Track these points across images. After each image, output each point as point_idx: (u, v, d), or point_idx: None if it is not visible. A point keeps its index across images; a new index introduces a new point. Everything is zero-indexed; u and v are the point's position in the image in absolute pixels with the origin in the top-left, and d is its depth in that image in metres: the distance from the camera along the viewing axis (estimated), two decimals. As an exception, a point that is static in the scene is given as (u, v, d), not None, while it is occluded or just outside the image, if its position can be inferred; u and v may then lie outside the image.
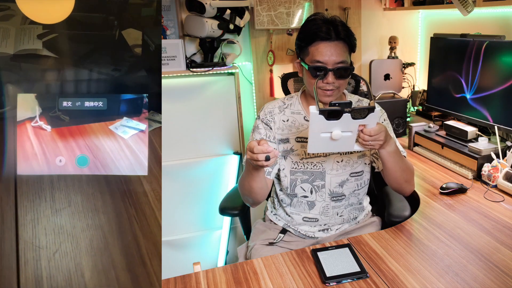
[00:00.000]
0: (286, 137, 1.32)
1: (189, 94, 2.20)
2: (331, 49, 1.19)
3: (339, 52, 1.19)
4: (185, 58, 2.07)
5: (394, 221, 1.29)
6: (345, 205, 1.35)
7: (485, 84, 1.69)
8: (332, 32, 1.19)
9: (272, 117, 1.34)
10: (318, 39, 1.19)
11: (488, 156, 1.57)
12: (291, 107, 1.35)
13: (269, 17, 2.19)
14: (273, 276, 1.05)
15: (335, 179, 1.31)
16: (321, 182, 1.31)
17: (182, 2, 2.06)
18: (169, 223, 2.29)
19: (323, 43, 1.19)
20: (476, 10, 1.71)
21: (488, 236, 1.19)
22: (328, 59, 1.19)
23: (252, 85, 2.31)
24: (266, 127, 1.33)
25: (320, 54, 1.19)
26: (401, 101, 2.17)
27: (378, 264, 1.07)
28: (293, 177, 1.33)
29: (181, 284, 1.04)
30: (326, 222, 1.35)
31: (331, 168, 1.31)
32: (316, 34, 1.19)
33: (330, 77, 1.19)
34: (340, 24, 1.21)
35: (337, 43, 1.19)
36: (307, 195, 1.33)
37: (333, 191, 1.32)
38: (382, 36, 2.47)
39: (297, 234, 1.38)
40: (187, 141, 2.25)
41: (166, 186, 2.21)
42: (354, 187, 1.34)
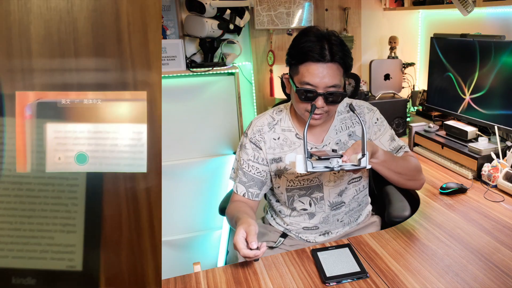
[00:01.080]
0: (279, 156, 1.26)
1: (189, 94, 2.21)
2: (323, 71, 1.07)
3: (332, 74, 1.08)
4: (185, 58, 2.07)
5: (394, 221, 1.29)
6: (345, 211, 1.33)
7: (485, 84, 1.69)
8: (326, 52, 1.07)
9: (262, 137, 1.25)
10: (310, 59, 1.07)
11: (488, 156, 1.57)
12: (281, 123, 1.26)
13: (269, 17, 2.19)
14: (273, 276, 1.05)
15: (334, 190, 1.28)
16: (319, 194, 1.28)
17: (182, 2, 2.07)
18: (169, 223, 2.29)
19: (315, 65, 1.07)
20: (476, 10, 1.71)
21: (488, 236, 1.19)
22: (320, 81, 1.08)
23: (252, 85, 2.31)
24: (254, 148, 1.26)
25: (311, 76, 1.08)
26: (401, 101, 2.17)
27: (378, 264, 1.07)
28: (290, 194, 1.29)
29: (181, 284, 1.04)
30: (327, 228, 1.34)
31: (328, 180, 1.26)
32: (308, 54, 1.07)
33: (320, 101, 1.09)
34: (336, 43, 1.09)
35: (331, 65, 1.08)
36: (306, 207, 1.29)
37: (332, 202, 1.29)
38: (382, 36, 2.47)
39: (297, 239, 1.36)
40: (187, 141, 2.25)
41: (166, 186, 2.21)
42: (353, 193, 1.32)
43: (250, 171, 1.27)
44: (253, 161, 1.26)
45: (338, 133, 1.26)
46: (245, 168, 1.27)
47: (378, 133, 1.28)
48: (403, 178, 1.23)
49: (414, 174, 1.26)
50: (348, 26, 2.33)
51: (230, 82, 2.24)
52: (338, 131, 1.26)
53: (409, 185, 1.27)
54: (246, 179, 1.28)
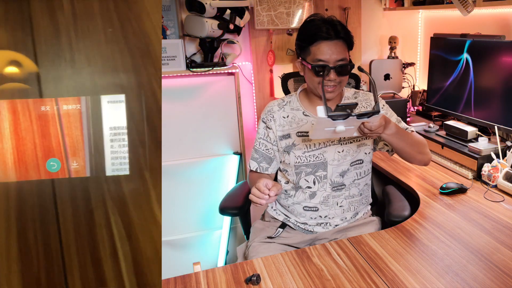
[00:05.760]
0: (288, 133, 1.36)
1: (189, 94, 2.21)
2: (332, 47, 1.24)
3: (340, 50, 1.25)
4: (185, 58, 2.07)
5: (393, 220, 1.29)
6: (345, 195, 1.37)
7: (485, 84, 1.69)
8: (331, 31, 1.24)
9: (272, 115, 1.39)
10: (319, 38, 1.24)
11: (488, 156, 1.57)
12: (290, 104, 1.40)
13: (269, 17, 2.19)
14: (273, 276, 1.05)
15: (336, 169, 1.35)
16: (323, 172, 1.35)
17: (182, 2, 2.06)
18: (169, 223, 2.30)
19: (324, 42, 1.24)
20: (476, 10, 1.71)
21: (488, 236, 1.19)
22: (330, 57, 1.24)
23: (252, 85, 2.31)
24: (264, 127, 1.40)
25: (322, 53, 1.24)
26: (401, 101, 2.17)
27: (378, 264, 1.07)
28: (298, 171, 1.37)
29: (181, 284, 1.04)
30: (326, 213, 1.37)
31: (332, 159, 1.34)
32: (317, 34, 1.24)
33: (332, 74, 1.25)
34: (338, 24, 1.26)
35: (337, 42, 1.25)
36: (311, 185, 1.37)
37: (334, 181, 1.35)
38: (382, 36, 2.47)
39: (296, 229, 1.40)
40: (187, 141, 2.26)
41: (166, 186, 2.21)
42: (354, 176, 1.37)
43: (260, 148, 1.41)
44: (263, 139, 1.40)
45: None
46: (257, 145, 1.42)
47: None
48: (414, 151, 1.30)
49: (423, 148, 1.33)
50: (348, 26, 2.33)
51: (230, 82, 2.24)
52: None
53: (419, 158, 1.33)
54: (257, 156, 1.42)
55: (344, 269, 1.06)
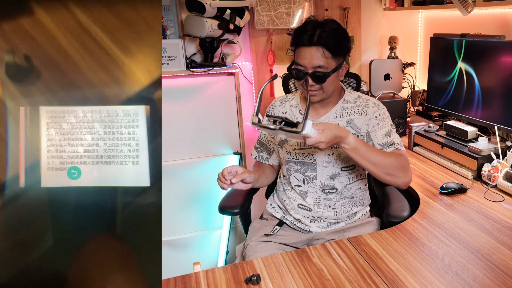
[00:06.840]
0: None
1: (189, 94, 2.21)
2: (310, 53, 1.24)
3: (317, 56, 1.24)
4: (185, 58, 2.07)
5: (392, 221, 1.29)
6: (337, 198, 1.37)
7: (485, 84, 1.69)
8: (314, 37, 1.23)
9: (273, 109, 1.46)
10: (300, 44, 1.26)
11: (488, 156, 1.57)
12: (291, 101, 1.45)
13: (269, 17, 2.19)
14: (273, 276, 1.05)
15: (326, 171, 1.36)
16: (312, 173, 1.37)
17: (182, 2, 2.06)
18: (169, 223, 2.30)
19: (303, 48, 1.25)
20: (476, 10, 1.71)
21: (488, 236, 1.19)
22: (308, 63, 1.25)
23: (252, 85, 2.31)
24: (267, 120, 1.41)
25: (300, 58, 1.26)
26: (401, 101, 2.17)
27: (378, 264, 1.07)
28: (288, 167, 1.41)
29: (181, 284, 1.04)
30: (320, 214, 1.37)
31: (322, 161, 1.35)
32: (299, 39, 1.26)
33: (310, 80, 1.26)
34: (326, 30, 1.24)
35: (316, 48, 1.24)
36: (300, 184, 1.39)
37: (324, 183, 1.36)
38: (382, 36, 2.47)
39: (293, 227, 1.41)
40: (187, 141, 2.26)
41: (166, 186, 2.21)
42: (346, 181, 1.37)
43: (262, 138, 1.51)
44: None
45: (338, 118, 1.36)
46: (259, 136, 1.51)
47: (376, 127, 1.34)
48: (379, 171, 1.24)
49: (392, 170, 1.25)
50: (348, 26, 2.33)
51: (230, 82, 2.24)
52: (338, 116, 1.37)
53: (388, 179, 1.27)
54: (259, 145, 1.52)
55: (344, 269, 1.06)
